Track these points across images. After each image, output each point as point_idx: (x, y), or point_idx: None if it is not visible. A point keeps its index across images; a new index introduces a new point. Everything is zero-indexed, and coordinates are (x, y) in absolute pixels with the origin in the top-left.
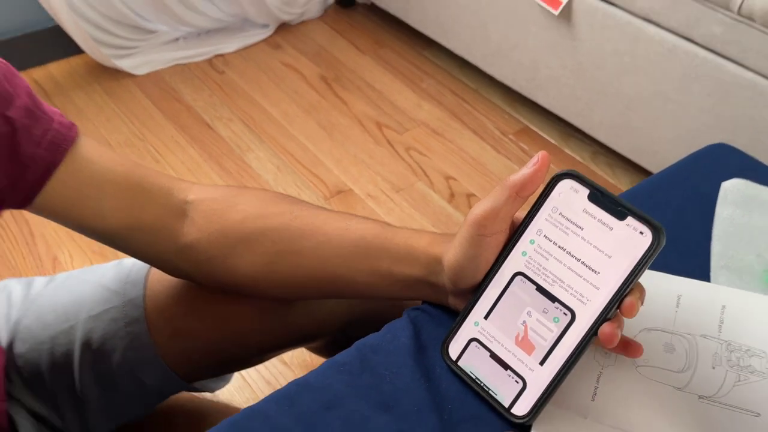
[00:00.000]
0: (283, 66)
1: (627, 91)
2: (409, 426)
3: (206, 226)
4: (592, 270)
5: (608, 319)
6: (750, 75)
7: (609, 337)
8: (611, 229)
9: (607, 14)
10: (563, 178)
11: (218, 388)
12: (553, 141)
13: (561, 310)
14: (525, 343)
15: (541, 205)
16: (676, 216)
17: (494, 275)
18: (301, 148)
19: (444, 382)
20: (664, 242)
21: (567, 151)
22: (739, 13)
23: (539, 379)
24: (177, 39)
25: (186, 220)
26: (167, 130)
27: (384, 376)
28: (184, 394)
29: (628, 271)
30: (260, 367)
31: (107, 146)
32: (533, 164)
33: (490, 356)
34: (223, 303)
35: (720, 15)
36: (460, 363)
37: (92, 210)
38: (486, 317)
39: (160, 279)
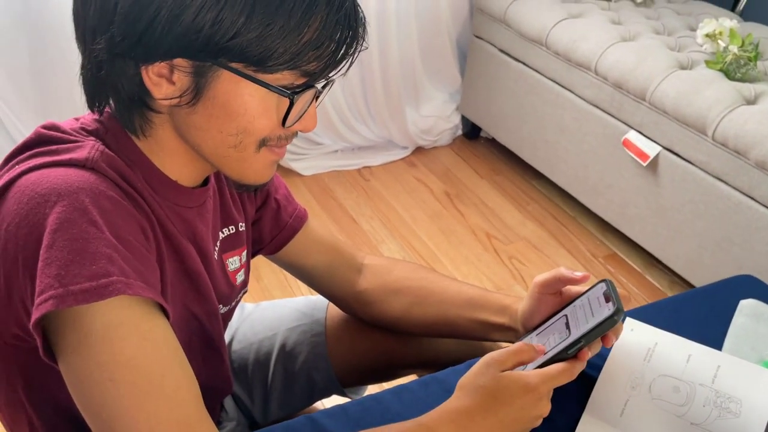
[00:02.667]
0: (416, 180)
1: (700, 233)
2: None
3: (373, 280)
4: (578, 326)
5: (568, 356)
6: None
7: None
8: (600, 305)
9: (687, 170)
10: (601, 282)
11: (359, 396)
12: (636, 267)
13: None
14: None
15: (585, 294)
16: (703, 317)
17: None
18: (424, 246)
19: None
20: (618, 319)
21: (648, 277)
22: None
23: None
24: (336, 151)
25: (361, 275)
26: (322, 219)
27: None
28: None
29: (589, 327)
30: None
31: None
32: (580, 276)
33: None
34: (377, 333)
35: None
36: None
37: (310, 261)
38: (536, 335)
39: (338, 310)
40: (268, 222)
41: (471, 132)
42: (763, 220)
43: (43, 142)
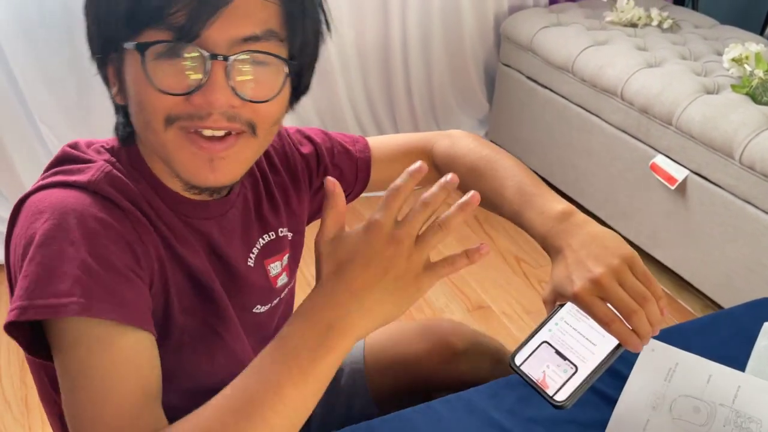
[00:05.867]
0: (446, 205)
1: (730, 256)
2: None
3: (439, 156)
4: (592, 343)
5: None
6: None
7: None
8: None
9: (715, 194)
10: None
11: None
12: (668, 291)
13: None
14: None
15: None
16: (727, 339)
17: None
18: None
19: None
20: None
21: (680, 301)
22: None
23: (583, 370)
24: None
25: (434, 152)
26: None
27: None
28: None
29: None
30: None
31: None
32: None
33: (555, 352)
34: (413, 358)
35: None
36: (522, 367)
37: (396, 173)
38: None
39: (372, 343)
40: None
41: None
42: None
43: (64, 161)
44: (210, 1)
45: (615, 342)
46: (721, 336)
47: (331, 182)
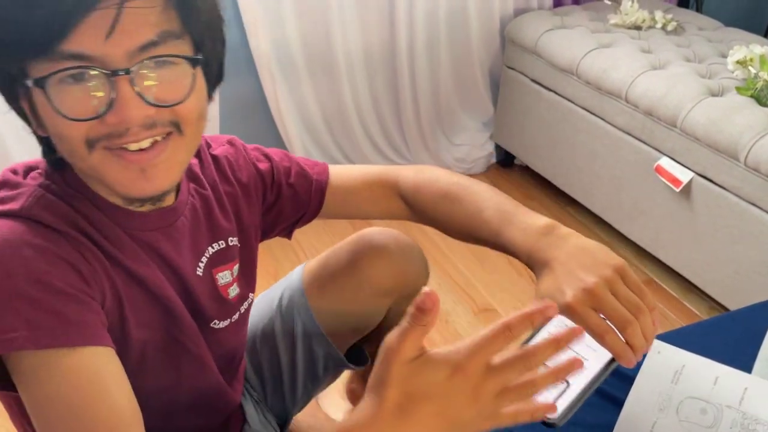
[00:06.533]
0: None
1: (736, 258)
2: None
3: (406, 187)
4: (584, 358)
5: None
6: None
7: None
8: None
9: (720, 196)
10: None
11: (361, 368)
12: (674, 293)
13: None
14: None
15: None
16: (733, 341)
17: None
18: (458, 273)
19: None
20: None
21: (686, 303)
22: None
23: (575, 386)
24: None
25: (399, 192)
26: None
27: None
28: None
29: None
30: None
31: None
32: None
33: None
34: (339, 262)
35: None
36: None
37: (351, 207)
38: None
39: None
40: (288, 206)
41: (505, 160)
42: None
43: (1, 186)
44: (71, 10)
45: (607, 357)
46: (727, 338)
47: (427, 296)
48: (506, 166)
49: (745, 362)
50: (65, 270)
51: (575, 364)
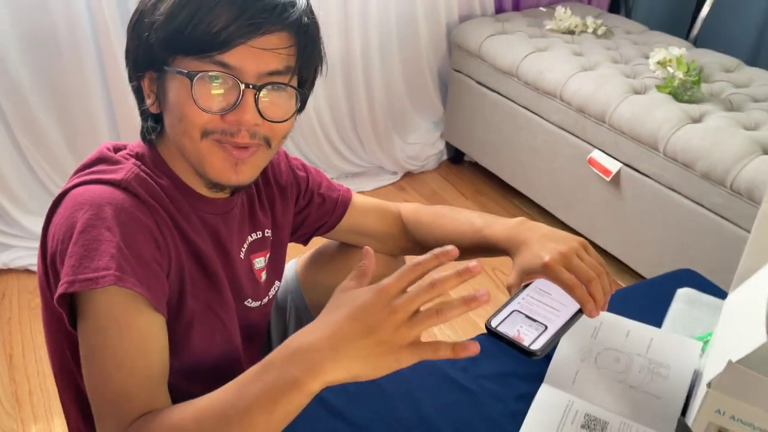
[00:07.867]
0: (406, 203)
1: (660, 239)
2: None
3: (408, 223)
4: (556, 309)
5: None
6: (742, 232)
7: (590, 313)
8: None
9: (644, 183)
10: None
11: None
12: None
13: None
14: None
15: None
16: (647, 304)
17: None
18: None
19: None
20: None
21: (621, 282)
22: (731, 189)
23: (552, 327)
24: (331, 178)
25: (402, 223)
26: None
27: None
28: None
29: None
30: None
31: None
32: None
33: (525, 317)
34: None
35: (719, 190)
36: (498, 328)
37: (363, 226)
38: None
39: (301, 267)
40: (314, 213)
41: (455, 157)
42: (711, 224)
43: (99, 161)
44: (243, 34)
45: (575, 309)
46: (642, 301)
47: (366, 248)
48: (456, 162)
49: (657, 321)
50: (148, 240)
51: (482, 297)
